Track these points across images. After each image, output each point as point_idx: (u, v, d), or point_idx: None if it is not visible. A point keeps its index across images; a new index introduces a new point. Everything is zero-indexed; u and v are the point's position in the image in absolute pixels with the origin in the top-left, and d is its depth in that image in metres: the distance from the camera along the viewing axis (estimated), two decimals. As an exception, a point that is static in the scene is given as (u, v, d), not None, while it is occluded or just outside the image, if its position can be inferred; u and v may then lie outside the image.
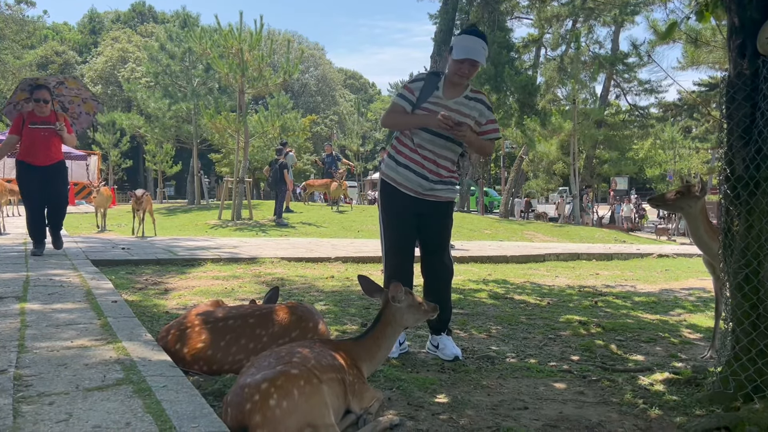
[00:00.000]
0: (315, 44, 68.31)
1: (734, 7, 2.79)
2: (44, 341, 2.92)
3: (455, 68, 3.34)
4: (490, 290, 6.12)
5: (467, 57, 3.28)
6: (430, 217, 3.48)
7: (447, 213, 3.54)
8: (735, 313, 2.72)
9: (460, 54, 3.29)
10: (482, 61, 3.32)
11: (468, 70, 3.33)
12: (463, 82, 3.41)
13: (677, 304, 5.82)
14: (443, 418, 2.54)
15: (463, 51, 3.29)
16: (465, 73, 3.34)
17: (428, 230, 3.51)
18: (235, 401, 2.05)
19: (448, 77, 3.42)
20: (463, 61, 3.30)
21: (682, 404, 2.79)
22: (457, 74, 3.35)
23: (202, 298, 4.82)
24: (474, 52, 3.28)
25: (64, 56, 49.59)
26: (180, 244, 9.23)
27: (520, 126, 20.20)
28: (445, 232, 3.57)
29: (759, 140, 2.64)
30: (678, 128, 29.32)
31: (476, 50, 3.28)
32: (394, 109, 3.46)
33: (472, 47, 3.28)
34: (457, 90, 3.42)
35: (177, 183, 47.77)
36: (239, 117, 14.02)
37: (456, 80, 3.39)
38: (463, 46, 3.30)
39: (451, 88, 3.42)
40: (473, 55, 3.27)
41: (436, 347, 3.54)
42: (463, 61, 3.30)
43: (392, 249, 3.52)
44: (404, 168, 3.45)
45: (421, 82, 3.45)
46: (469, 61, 3.30)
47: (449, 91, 3.41)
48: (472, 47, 3.28)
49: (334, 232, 12.69)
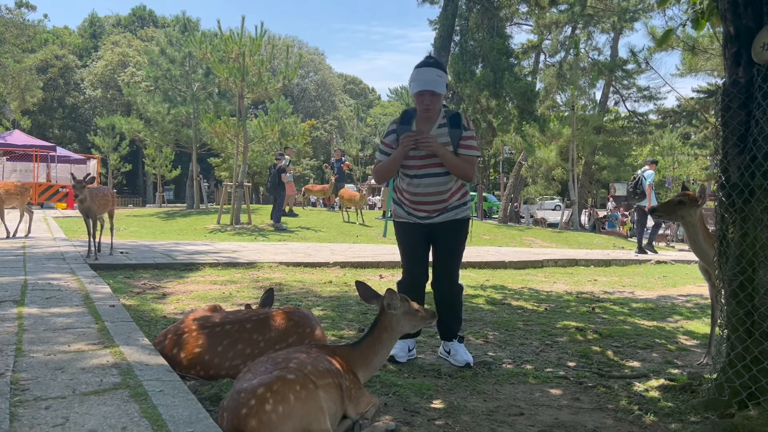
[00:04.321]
0: (315, 49, 68.55)
1: (729, 15, 2.81)
2: (41, 345, 2.93)
3: (418, 103, 3.44)
4: (487, 296, 6.12)
5: (424, 89, 3.36)
6: (441, 234, 3.54)
7: (459, 229, 3.58)
8: (730, 320, 2.73)
9: (416, 88, 3.38)
10: (440, 90, 3.38)
11: (430, 101, 3.39)
12: (431, 114, 3.46)
13: (674, 310, 5.83)
14: (439, 424, 2.55)
15: (419, 84, 3.37)
16: (428, 104, 3.40)
17: (440, 246, 3.56)
18: (232, 406, 2.05)
19: (418, 114, 3.50)
20: (422, 94, 3.38)
21: (677, 411, 2.80)
22: (423, 108, 3.43)
23: (200, 303, 4.83)
24: (430, 83, 3.35)
25: (64, 60, 49.66)
26: (178, 248, 9.23)
27: (519, 131, 20.23)
28: (457, 248, 3.59)
29: (754, 148, 2.65)
30: (677, 135, 29.41)
31: (431, 81, 3.36)
32: (378, 165, 3.58)
33: (427, 78, 3.36)
34: (429, 122, 3.48)
35: (176, 187, 47.80)
36: (239, 121, 14.04)
37: (424, 114, 3.46)
38: (419, 79, 3.38)
39: (423, 122, 3.49)
40: (429, 87, 3.35)
41: (448, 353, 3.57)
42: (422, 93, 3.37)
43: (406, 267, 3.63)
44: (410, 208, 3.55)
45: (393, 134, 3.54)
46: (428, 93, 3.37)
47: (422, 126, 3.48)
48: (426, 79, 3.36)
49: (332, 237, 12.69)
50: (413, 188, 3.49)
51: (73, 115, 49.90)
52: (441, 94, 3.41)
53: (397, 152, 3.43)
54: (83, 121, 49.19)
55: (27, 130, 37.10)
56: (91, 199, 6.95)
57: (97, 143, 31.39)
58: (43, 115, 47.53)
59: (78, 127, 48.88)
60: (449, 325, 3.55)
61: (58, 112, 49.11)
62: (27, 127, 39.08)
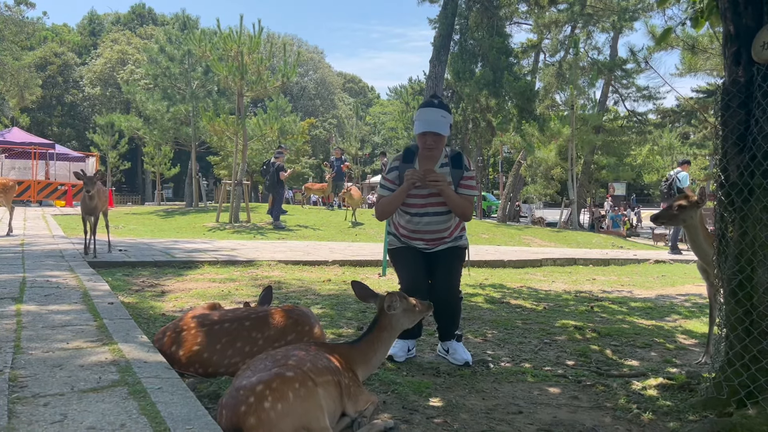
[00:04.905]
0: (314, 48, 68.53)
1: (729, 14, 2.81)
2: (40, 342, 2.92)
3: (421, 143, 3.42)
4: (486, 294, 6.12)
5: (428, 130, 3.35)
6: (441, 258, 3.52)
7: (458, 254, 3.58)
8: (728, 319, 2.74)
9: (420, 128, 3.37)
10: (443, 132, 3.37)
11: (433, 141, 3.38)
12: (433, 153, 3.45)
13: (673, 309, 5.83)
14: (438, 422, 2.55)
15: (423, 125, 3.36)
16: (431, 145, 3.39)
17: (440, 266, 3.51)
18: (230, 403, 2.05)
19: (420, 152, 3.49)
20: (425, 134, 3.37)
21: (675, 409, 2.80)
22: (425, 148, 3.42)
23: (199, 301, 4.83)
24: (434, 125, 3.34)
25: (63, 58, 49.60)
26: (177, 246, 9.23)
27: (518, 131, 20.23)
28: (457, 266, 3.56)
29: (753, 147, 2.65)
30: (676, 134, 29.41)
31: (435, 122, 3.34)
32: (381, 201, 3.55)
33: (431, 119, 3.35)
34: (431, 161, 3.48)
35: (175, 185, 47.79)
36: (238, 120, 14.03)
37: (426, 153, 3.45)
38: (423, 119, 3.37)
39: (425, 161, 3.48)
40: (433, 128, 3.34)
41: (446, 351, 3.57)
42: (425, 134, 3.36)
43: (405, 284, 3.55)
44: (407, 239, 3.55)
45: (395, 171, 3.51)
46: (431, 134, 3.36)
47: (424, 164, 3.47)
48: (431, 120, 3.35)
49: (331, 235, 12.69)
50: (413, 225, 3.50)
51: (72, 112, 49.85)
52: (444, 136, 3.40)
53: (400, 189, 3.40)
54: (82, 119, 49.16)
55: (26, 127, 37.11)
56: (98, 197, 7.00)
57: (96, 141, 31.39)
58: (42, 113, 47.49)
59: (77, 125, 48.84)
60: (448, 329, 3.55)
61: (57, 109, 49.07)
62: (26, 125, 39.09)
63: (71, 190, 21.38)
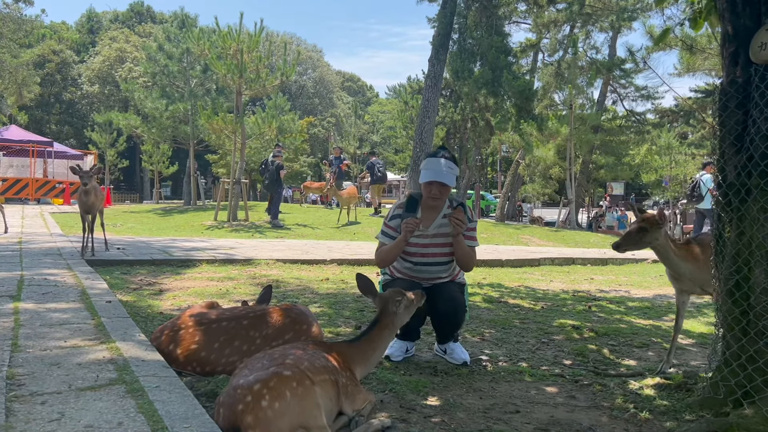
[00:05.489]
0: (313, 46, 68.43)
1: (728, 15, 2.81)
2: (38, 340, 2.92)
3: (426, 192, 3.42)
4: (484, 294, 6.13)
5: (434, 180, 3.35)
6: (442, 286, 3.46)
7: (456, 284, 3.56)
8: (725, 319, 2.74)
9: (426, 177, 3.38)
10: (449, 183, 3.37)
11: (438, 191, 3.39)
12: (438, 203, 3.45)
13: (671, 309, 5.84)
14: (435, 421, 2.56)
15: (429, 174, 3.37)
16: (436, 195, 3.40)
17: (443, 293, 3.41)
18: (228, 402, 2.06)
19: (424, 201, 3.49)
20: (431, 184, 3.38)
21: (672, 409, 2.81)
22: (430, 197, 3.42)
23: (197, 299, 4.82)
24: (440, 175, 3.35)
25: (62, 55, 49.50)
26: (175, 244, 9.22)
27: (517, 130, 20.23)
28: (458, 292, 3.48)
29: (750, 148, 2.66)
30: (674, 134, 29.40)
31: (442, 173, 3.35)
32: (381, 249, 3.52)
33: (438, 170, 3.36)
34: (434, 211, 3.48)
35: (173, 183, 47.76)
36: (236, 118, 14.01)
37: (430, 203, 3.46)
38: (430, 169, 3.38)
39: (428, 210, 3.48)
40: (439, 178, 3.35)
41: (444, 351, 3.58)
42: (431, 183, 3.37)
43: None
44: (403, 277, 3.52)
45: (398, 219, 3.48)
46: (437, 184, 3.36)
47: (427, 213, 3.48)
48: (437, 170, 3.36)
49: (329, 234, 12.69)
50: (412, 273, 3.51)
51: (70, 110, 49.76)
52: (450, 187, 3.40)
53: (399, 238, 3.38)
54: (80, 117, 49.06)
55: (24, 125, 36.99)
56: (95, 194, 6.98)
57: (94, 139, 31.36)
58: (40, 111, 47.38)
59: (75, 123, 48.75)
60: (448, 338, 3.54)
61: (55, 107, 48.97)
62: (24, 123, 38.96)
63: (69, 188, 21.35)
